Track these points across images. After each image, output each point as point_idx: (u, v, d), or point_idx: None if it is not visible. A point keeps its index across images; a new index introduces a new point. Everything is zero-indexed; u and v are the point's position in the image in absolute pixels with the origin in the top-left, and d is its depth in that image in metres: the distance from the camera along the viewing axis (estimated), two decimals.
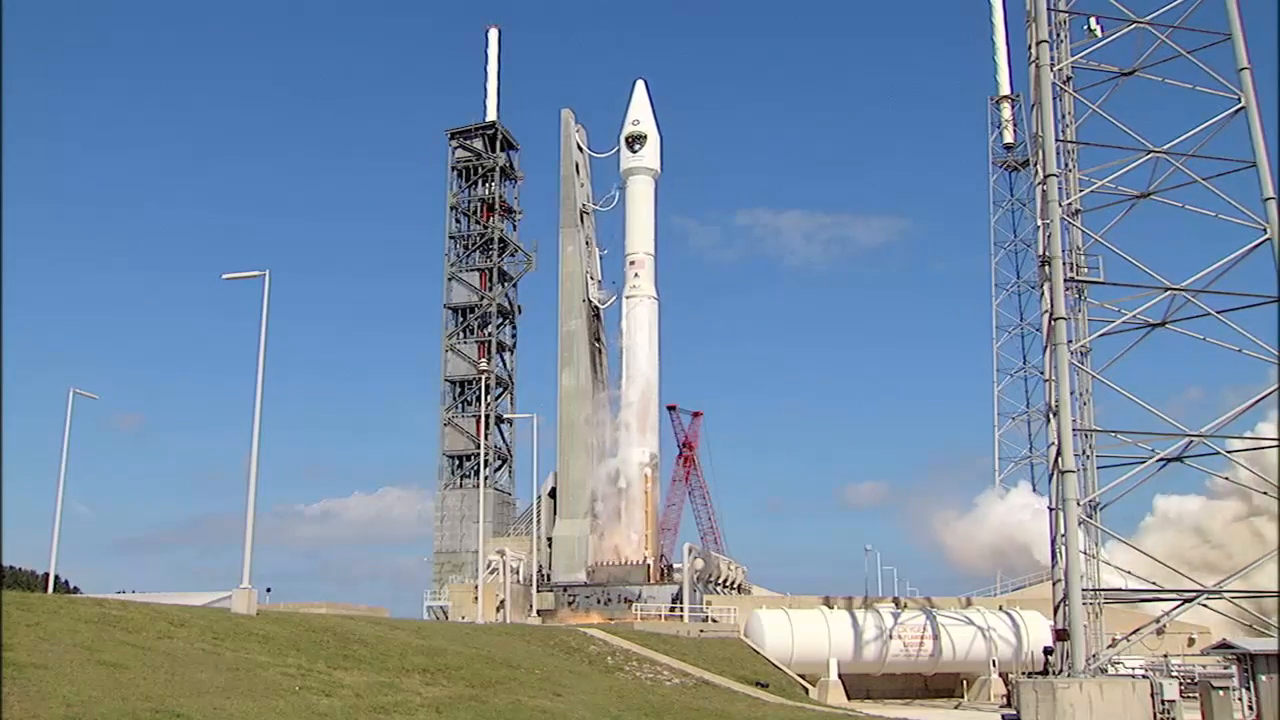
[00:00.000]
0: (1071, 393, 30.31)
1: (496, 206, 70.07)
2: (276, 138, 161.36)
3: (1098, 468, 31.47)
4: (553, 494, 52.98)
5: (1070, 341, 30.21)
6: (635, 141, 51.84)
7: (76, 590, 53.92)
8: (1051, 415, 30.15)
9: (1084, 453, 31.13)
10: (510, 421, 69.33)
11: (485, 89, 72.41)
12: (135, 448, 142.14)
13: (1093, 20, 33.18)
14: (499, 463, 69.18)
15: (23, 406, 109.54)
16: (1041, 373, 33.28)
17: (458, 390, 68.90)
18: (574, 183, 54.64)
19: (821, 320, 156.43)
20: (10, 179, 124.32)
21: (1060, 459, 28.93)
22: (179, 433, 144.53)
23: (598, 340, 54.58)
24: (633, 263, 51.77)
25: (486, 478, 59.44)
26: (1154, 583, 30.55)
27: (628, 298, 51.67)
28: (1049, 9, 32.63)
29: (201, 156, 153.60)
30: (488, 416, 65.34)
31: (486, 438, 63.29)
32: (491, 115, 71.67)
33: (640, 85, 52.97)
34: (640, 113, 52.37)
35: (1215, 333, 31.10)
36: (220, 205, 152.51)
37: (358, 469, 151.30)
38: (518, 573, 49.06)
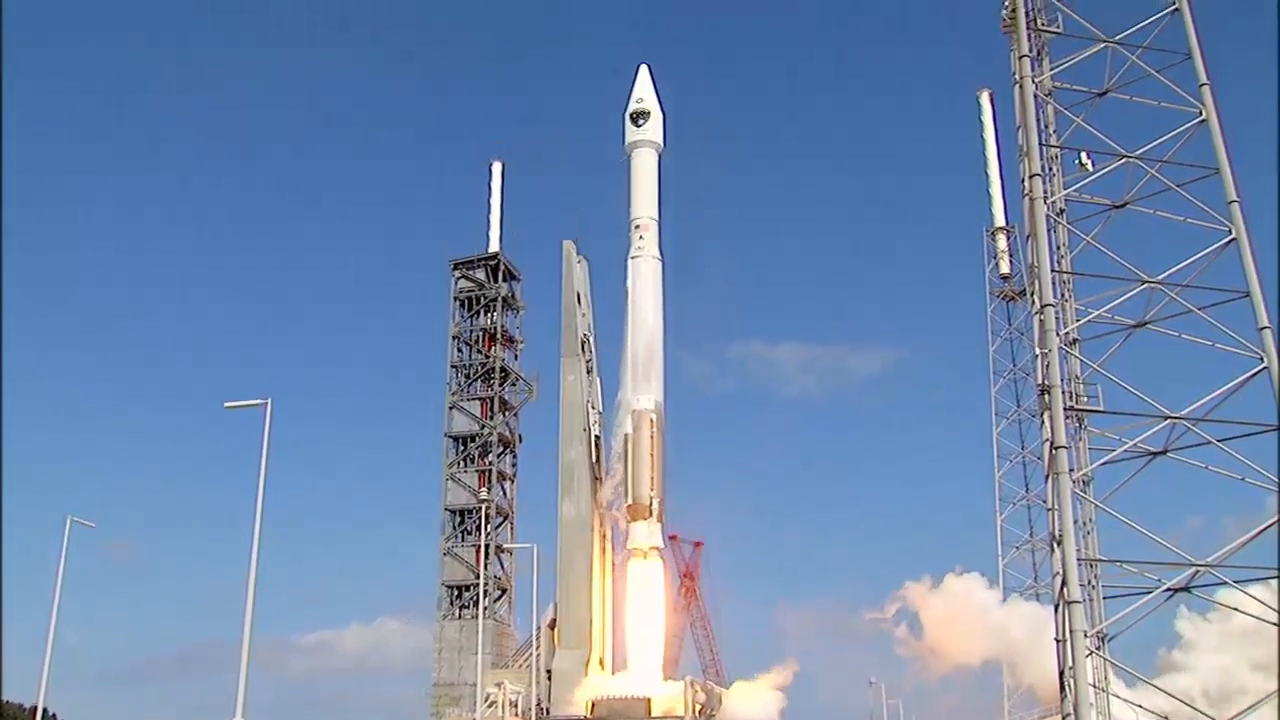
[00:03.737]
0: (1075, 522, 30.13)
1: (498, 336, 70.56)
2: (277, 264, 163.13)
3: (1104, 598, 31.14)
4: (552, 625, 52.28)
5: (1072, 470, 30.14)
6: (639, 117, 55.17)
7: None
8: (1055, 545, 29.92)
9: (1089, 583, 30.83)
10: (510, 551, 68.69)
11: (488, 220, 73.52)
12: (128, 574, 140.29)
13: (1083, 155, 33.87)
14: (498, 593, 68.34)
15: (14, 532, 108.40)
16: (1044, 501, 33.15)
17: (457, 520, 68.38)
18: (575, 313, 55.19)
19: (820, 450, 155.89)
20: (9, 300, 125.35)
21: (1066, 589, 28.61)
22: (172, 559, 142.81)
23: (597, 469, 54.48)
24: (637, 226, 54.32)
25: (486, 608, 58.68)
26: (1165, 717, 29.97)
27: (633, 258, 53.42)
28: (1040, 144, 33.35)
29: (201, 280, 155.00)
30: (487, 546, 64.78)
31: (486, 568, 62.62)
32: (494, 246, 72.61)
33: (644, 69, 56.69)
34: (644, 92, 55.74)
35: (1217, 461, 31.04)
36: (220, 329, 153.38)
37: (355, 599, 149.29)
38: (516, 706, 48.16)
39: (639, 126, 54.73)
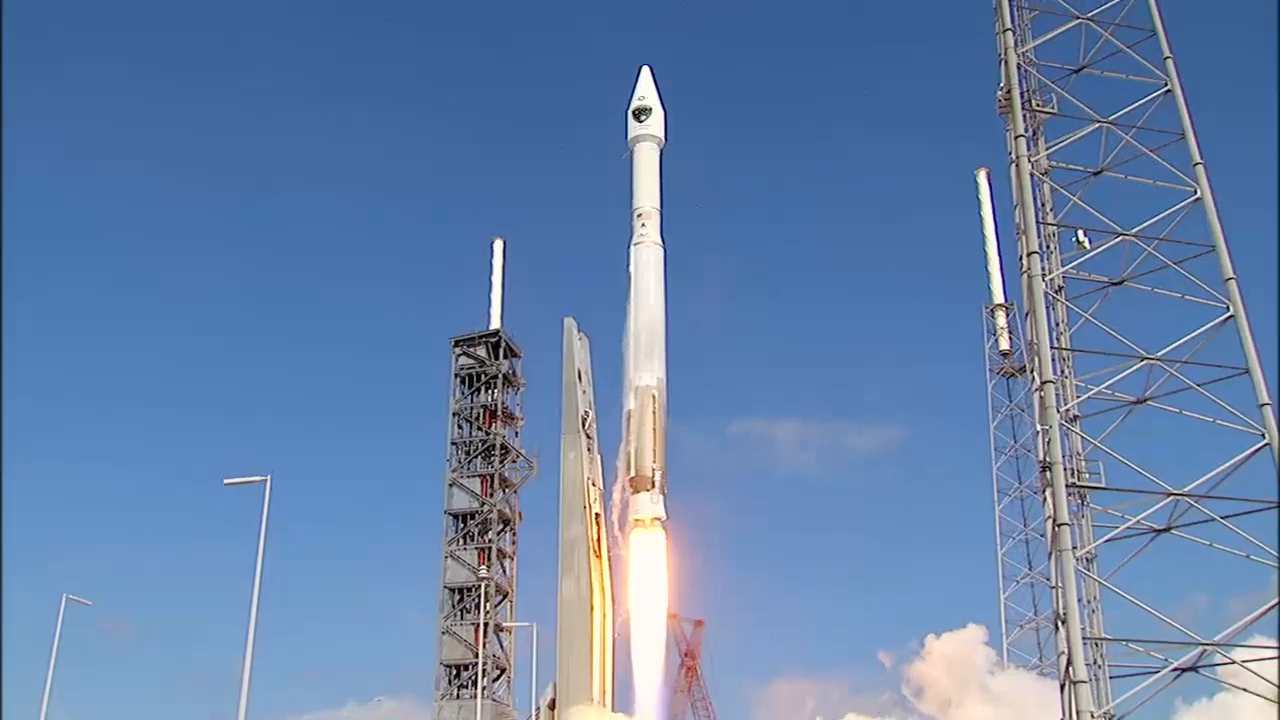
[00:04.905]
0: (1079, 600, 29.90)
1: (499, 413, 70.58)
2: (276, 339, 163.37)
3: (1110, 677, 30.79)
4: (552, 705, 51.62)
5: (1075, 548, 29.97)
6: (641, 113, 57.57)
7: None
8: (1060, 623, 29.65)
9: (1095, 662, 30.51)
10: (509, 630, 68.00)
11: (489, 298, 73.93)
12: (123, 653, 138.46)
13: (1080, 233, 34.21)
14: (497, 673, 67.57)
15: (8, 609, 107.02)
16: (1048, 579, 32.96)
17: (456, 598, 67.83)
18: (575, 390, 55.32)
19: (820, 528, 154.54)
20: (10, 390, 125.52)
21: (1071, 669, 28.32)
22: (169, 637, 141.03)
23: (598, 547, 54.18)
24: (639, 215, 55.50)
25: (484, 688, 58.00)
26: None
27: (635, 245, 54.49)
28: (1038, 222, 33.69)
29: (199, 355, 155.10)
30: (486, 625, 64.19)
31: (485, 647, 61.98)
32: (495, 323, 72.94)
33: (646, 70, 58.74)
34: (646, 90, 57.70)
35: (1220, 538, 30.89)
36: (220, 405, 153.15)
37: (351, 677, 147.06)
38: None
39: (641, 122, 56.84)
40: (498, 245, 75.31)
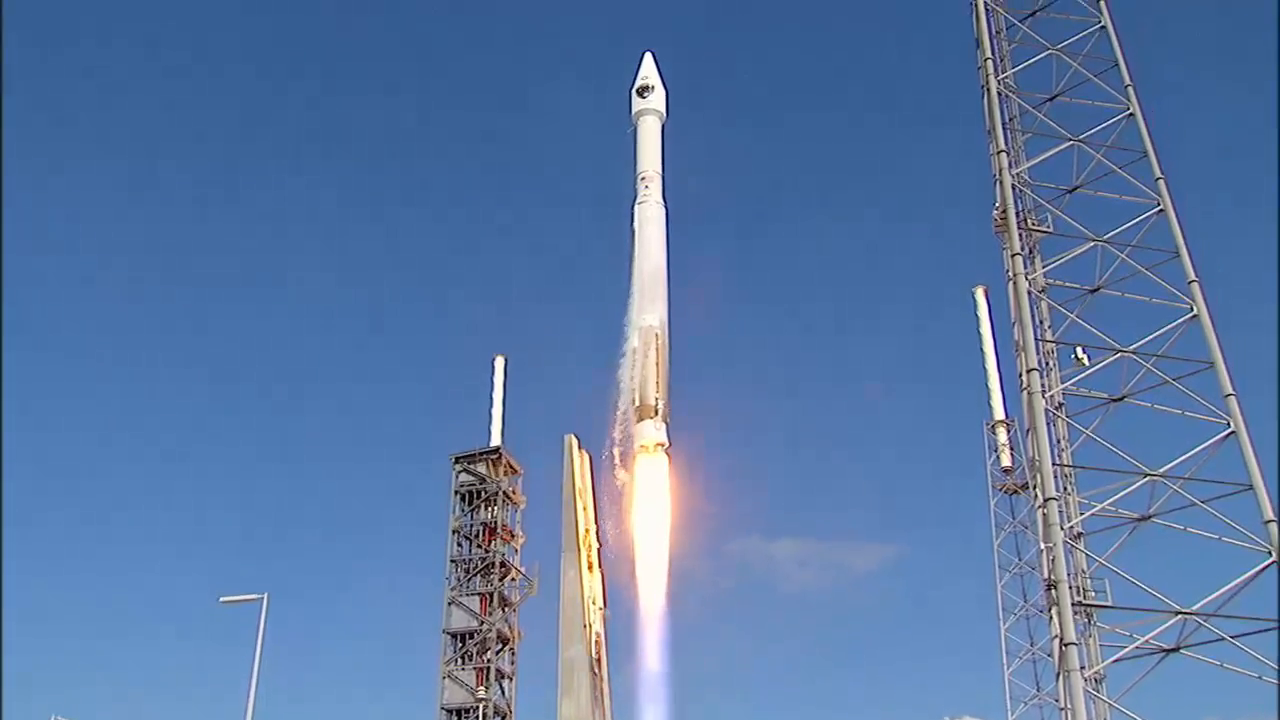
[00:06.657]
0: None
1: (499, 530, 70.10)
2: (274, 457, 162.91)
3: None
4: None
5: (1083, 668, 29.50)
6: (644, 90, 59.95)
7: None
8: None
9: None
10: None
11: (490, 414, 73.97)
12: None
13: (1079, 350, 34.38)
14: None
15: None
16: (1056, 700, 32.38)
17: (455, 719, 66.63)
18: (575, 507, 55.10)
19: (822, 648, 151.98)
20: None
21: None
22: None
23: (598, 667, 53.36)
24: (643, 178, 57.98)
25: None
26: None
27: (639, 204, 56.72)
28: (1036, 339, 33.86)
29: (198, 471, 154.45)
30: None
31: None
32: (496, 440, 72.88)
33: (649, 55, 61.58)
34: (648, 71, 60.35)
35: (1229, 657, 30.41)
36: (216, 523, 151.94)
37: None
38: None
39: (644, 98, 60.10)
40: (499, 362, 75.72)
